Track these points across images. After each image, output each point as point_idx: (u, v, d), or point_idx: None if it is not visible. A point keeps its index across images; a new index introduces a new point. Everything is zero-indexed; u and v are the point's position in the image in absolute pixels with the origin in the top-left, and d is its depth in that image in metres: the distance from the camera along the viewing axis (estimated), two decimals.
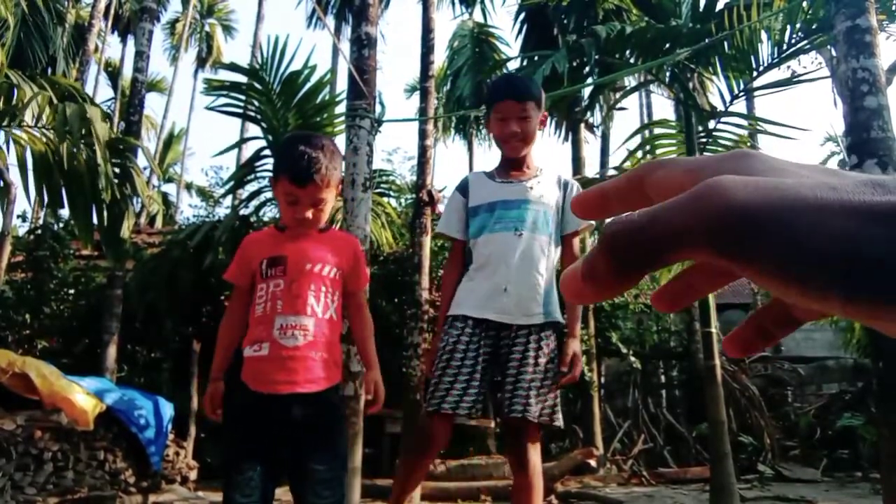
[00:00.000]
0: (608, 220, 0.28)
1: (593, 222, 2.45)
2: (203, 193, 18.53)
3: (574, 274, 0.28)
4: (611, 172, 6.74)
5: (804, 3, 5.02)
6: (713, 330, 5.42)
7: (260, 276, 1.99)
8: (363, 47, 4.17)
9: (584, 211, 0.33)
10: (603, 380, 9.40)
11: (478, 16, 12.56)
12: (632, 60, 5.82)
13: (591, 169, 13.94)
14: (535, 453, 2.23)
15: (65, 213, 6.28)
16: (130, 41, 21.33)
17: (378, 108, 4.16)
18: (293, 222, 2.00)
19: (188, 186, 24.69)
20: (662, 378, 10.50)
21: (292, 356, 1.88)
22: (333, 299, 2.00)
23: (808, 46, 5.38)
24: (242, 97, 6.68)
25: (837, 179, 0.25)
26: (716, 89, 5.91)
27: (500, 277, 2.28)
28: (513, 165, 2.46)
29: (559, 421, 2.29)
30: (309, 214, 1.98)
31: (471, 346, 2.27)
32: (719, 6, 5.55)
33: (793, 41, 5.31)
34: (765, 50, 5.40)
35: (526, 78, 2.67)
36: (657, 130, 6.74)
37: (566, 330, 2.35)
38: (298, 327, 1.90)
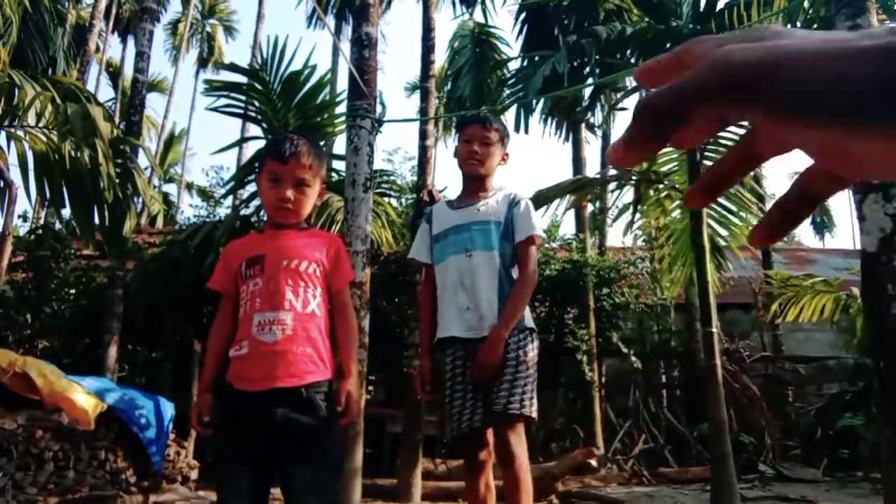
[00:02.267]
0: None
1: (543, 234, 2.66)
2: (204, 194, 18.51)
3: (617, 144, 0.35)
4: (611, 172, 6.73)
5: (804, 3, 5.02)
6: (714, 330, 5.42)
7: (241, 278, 1.98)
8: (364, 47, 4.18)
9: (644, 76, 0.38)
10: (604, 379, 9.41)
11: (478, 16, 12.53)
12: (632, 60, 5.82)
13: (592, 169, 13.96)
14: (517, 446, 2.32)
15: (66, 212, 6.28)
16: (131, 41, 21.34)
17: (379, 109, 4.16)
18: (276, 203, 1.99)
19: (189, 186, 24.71)
20: (663, 378, 10.50)
21: (272, 351, 1.85)
22: (315, 294, 1.97)
23: None
24: (243, 97, 6.68)
25: (833, 34, 0.31)
26: None
27: (460, 298, 2.49)
28: (471, 190, 2.68)
29: (529, 410, 2.37)
30: (290, 194, 1.98)
31: (456, 368, 2.49)
32: (720, 6, 5.55)
33: None
34: None
35: (496, 118, 2.93)
36: None
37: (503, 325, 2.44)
38: (276, 322, 1.88)
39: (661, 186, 6.32)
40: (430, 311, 2.65)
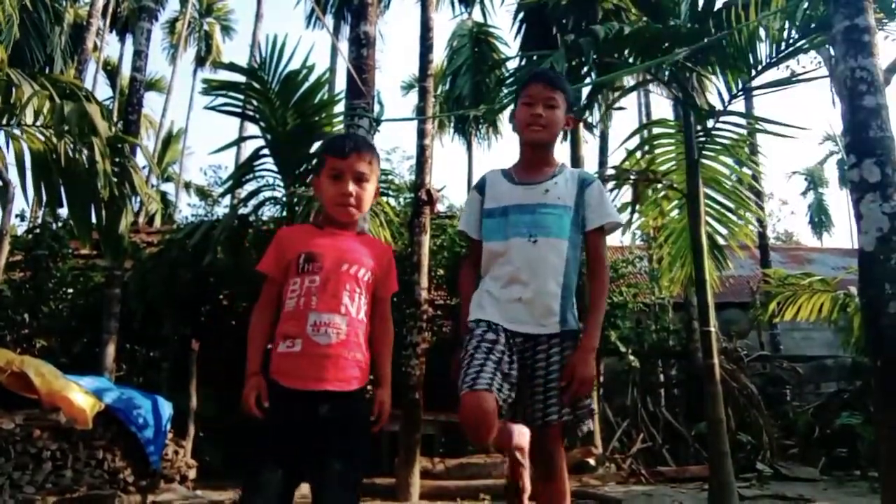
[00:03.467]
0: None
1: (621, 219, 2.36)
2: (202, 193, 18.53)
3: None
4: (609, 172, 6.74)
5: (803, 3, 5.02)
6: (712, 329, 5.43)
7: (295, 270, 1.97)
8: (362, 47, 4.18)
9: None
10: (602, 379, 9.41)
11: (477, 15, 12.56)
12: (630, 60, 5.82)
13: (590, 168, 13.96)
14: (562, 459, 2.16)
15: (63, 212, 6.28)
16: (129, 40, 21.30)
17: (377, 108, 4.16)
18: (338, 198, 2.01)
19: (187, 186, 24.65)
20: (661, 377, 10.51)
21: (325, 354, 1.87)
22: (365, 302, 2.00)
23: (806, 46, 5.38)
24: (241, 97, 6.67)
25: None
26: (714, 89, 5.91)
27: (514, 287, 2.18)
28: (532, 161, 2.35)
29: (587, 426, 2.17)
30: (352, 188, 2.00)
31: (499, 340, 2.14)
32: (718, 5, 5.55)
33: (791, 40, 5.31)
34: (763, 49, 5.40)
35: (561, 75, 2.58)
36: (656, 130, 6.74)
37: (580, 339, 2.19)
38: (332, 325, 1.89)
39: (659, 186, 6.32)
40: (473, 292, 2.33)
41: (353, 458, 1.89)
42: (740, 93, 5.77)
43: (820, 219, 34.62)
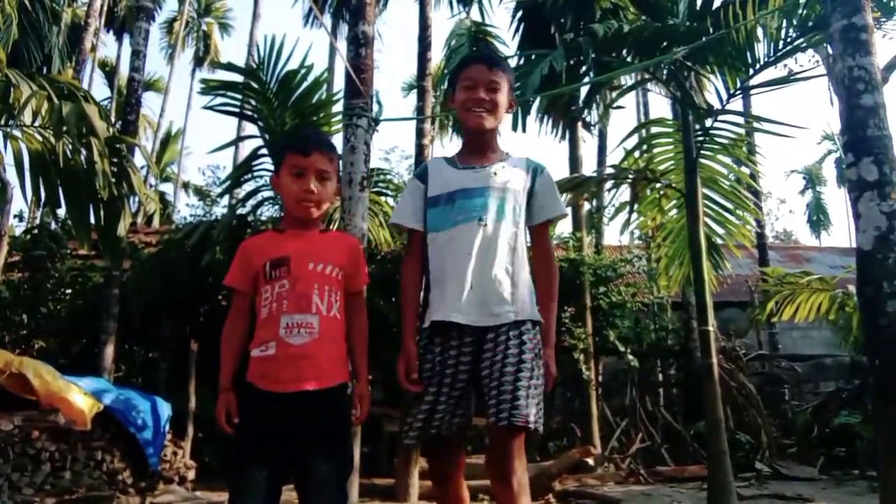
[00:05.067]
0: None
1: (567, 210, 2.34)
2: (200, 193, 18.50)
3: None
4: (608, 171, 6.74)
5: (800, 0, 5.02)
6: (710, 328, 5.43)
7: (264, 278, 1.99)
8: (360, 46, 4.17)
9: None
10: (600, 378, 9.42)
11: (475, 14, 12.54)
12: (629, 59, 5.82)
13: (589, 167, 13.94)
14: (520, 465, 1.96)
15: (62, 212, 6.28)
16: (126, 40, 21.27)
17: (375, 107, 4.16)
18: (300, 195, 2.03)
19: (185, 186, 24.65)
20: (660, 376, 10.51)
21: (299, 354, 1.88)
22: (337, 298, 2.00)
23: (804, 44, 5.38)
24: (239, 96, 6.66)
25: None
26: (713, 87, 5.91)
27: (464, 275, 2.05)
28: (476, 147, 2.23)
29: (537, 423, 1.99)
30: (314, 186, 2.02)
31: (449, 359, 2.06)
32: (716, 4, 5.55)
33: (789, 39, 5.31)
34: (761, 48, 5.41)
35: (501, 56, 2.56)
36: (654, 129, 6.74)
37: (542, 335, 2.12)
38: (304, 325, 1.90)
39: (657, 185, 6.32)
40: (418, 287, 2.22)
41: (337, 456, 1.90)
42: (738, 92, 5.77)
43: (818, 218, 34.66)
